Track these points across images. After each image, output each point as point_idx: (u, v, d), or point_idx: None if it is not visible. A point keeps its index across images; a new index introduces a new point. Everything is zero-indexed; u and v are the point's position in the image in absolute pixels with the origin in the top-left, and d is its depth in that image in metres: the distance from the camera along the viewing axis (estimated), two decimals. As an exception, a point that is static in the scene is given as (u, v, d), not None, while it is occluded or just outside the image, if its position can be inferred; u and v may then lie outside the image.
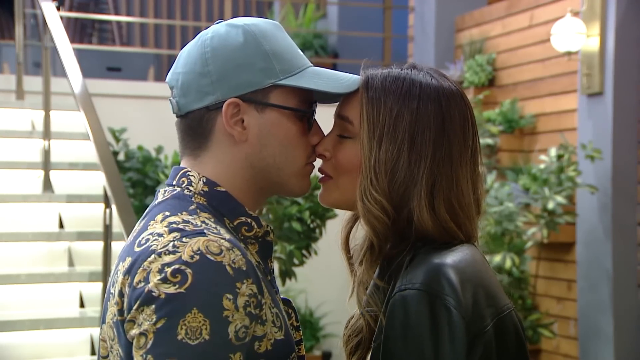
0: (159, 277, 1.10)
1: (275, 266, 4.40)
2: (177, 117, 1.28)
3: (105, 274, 3.79)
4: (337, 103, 1.33)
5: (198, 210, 1.20)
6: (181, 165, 1.28)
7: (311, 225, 4.47)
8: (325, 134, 1.33)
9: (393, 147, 1.24)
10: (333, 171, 1.30)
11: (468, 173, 1.28)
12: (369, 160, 1.25)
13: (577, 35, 5.03)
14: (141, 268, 1.13)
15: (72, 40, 5.60)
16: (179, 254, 1.11)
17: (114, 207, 3.61)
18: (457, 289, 1.17)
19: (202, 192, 1.23)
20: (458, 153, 1.26)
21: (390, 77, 1.28)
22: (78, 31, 8.02)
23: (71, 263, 4.27)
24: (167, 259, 1.11)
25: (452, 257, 1.21)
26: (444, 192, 1.25)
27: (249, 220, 1.24)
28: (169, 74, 1.29)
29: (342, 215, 1.40)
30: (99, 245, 3.96)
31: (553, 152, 5.09)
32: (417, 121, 1.25)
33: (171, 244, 1.13)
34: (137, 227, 1.23)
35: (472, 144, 1.29)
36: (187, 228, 1.15)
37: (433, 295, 1.17)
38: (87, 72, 4.98)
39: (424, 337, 1.16)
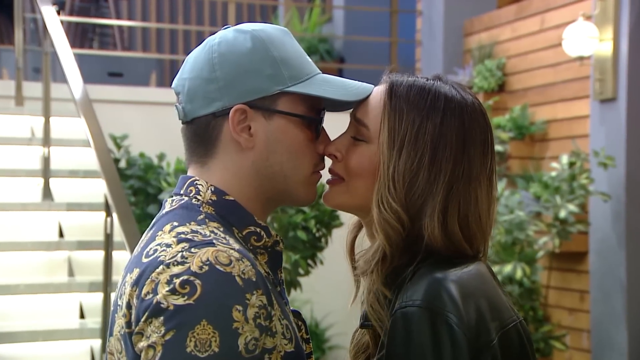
0: (167, 289, 1.11)
1: (280, 276, 4.40)
2: (182, 123, 1.28)
3: (106, 284, 3.79)
4: (346, 111, 1.34)
5: (206, 220, 1.21)
6: (188, 174, 1.28)
7: (317, 235, 4.47)
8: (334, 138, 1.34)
9: (413, 159, 1.25)
10: (344, 173, 1.31)
11: (485, 191, 1.29)
12: (387, 169, 1.26)
13: (589, 40, 5.02)
14: (149, 279, 1.13)
15: (73, 45, 5.61)
16: (187, 265, 1.12)
17: (115, 215, 3.62)
18: (459, 305, 1.18)
19: (210, 201, 1.24)
20: (476, 172, 1.27)
21: (415, 87, 1.29)
22: (79, 36, 8.05)
23: (71, 273, 4.27)
24: (176, 269, 1.12)
25: (455, 272, 1.22)
26: (459, 210, 1.26)
27: (258, 229, 1.25)
28: (175, 79, 1.30)
29: (349, 224, 1.40)
30: (100, 254, 3.97)
31: (565, 159, 5.08)
32: (440, 136, 1.26)
33: (180, 254, 1.13)
34: (145, 237, 1.23)
35: (490, 164, 1.30)
36: (195, 238, 1.16)
37: (434, 312, 1.17)
38: (88, 77, 5.00)
39: (426, 356, 1.16)
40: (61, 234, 4.46)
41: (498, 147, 5.54)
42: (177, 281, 1.11)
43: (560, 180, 5.04)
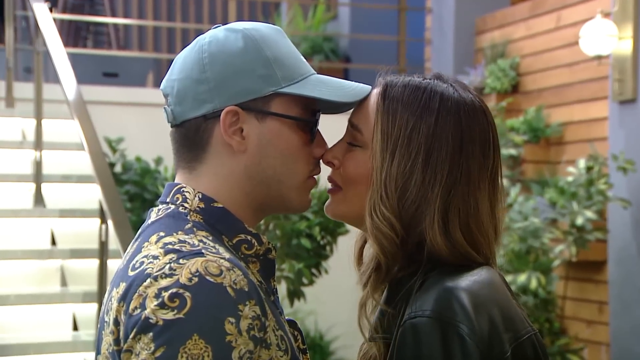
0: (156, 303, 1.11)
1: (283, 286, 4.40)
2: (171, 126, 1.29)
3: (100, 295, 3.80)
4: (343, 113, 1.35)
5: (194, 229, 1.21)
6: (176, 181, 1.29)
7: (321, 242, 4.47)
8: (332, 144, 1.34)
9: (406, 162, 1.25)
10: (341, 181, 1.31)
11: (487, 195, 1.28)
12: (380, 174, 1.26)
13: (607, 38, 5.02)
14: (137, 293, 1.13)
15: (66, 44, 5.63)
16: (176, 277, 1.12)
17: (110, 222, 3.62)
18: (470, 315, 1.18)
19: (197, 209, 1.24)
20: (476, 173, 1.27)
21: (410, 86, 1.29)
22: (72, 34, 8.07)
23: (64, 283, 4.27)
24: (164, 282, 1.12)
25: (466, 280, 1.21)
26: (460, 215, 1.25)
27: (248, 237, 1.25)
28: (164, 80, 1.31)
29: (354, 232, 1.40)
30: (94, 263, 3.97)
31: (582, 163, 5.07)
32: (434, 136, 1.25)
33: (167, 266, 1.13)
34: (130, 249, 1.23)
35: (492, 164, 1.29)
36: (183, 249, 1.16)
37: (445, 323, 1.17)
38: (82, 78, 5.01)
39: None
40: (53, 242, 4.46)
41: (512, 151, 5.53)
42: (166, 294, 1.11)
43: (577, 185, 5.03)
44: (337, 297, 5.37)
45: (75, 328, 4.09)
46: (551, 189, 5.22)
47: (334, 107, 1.32)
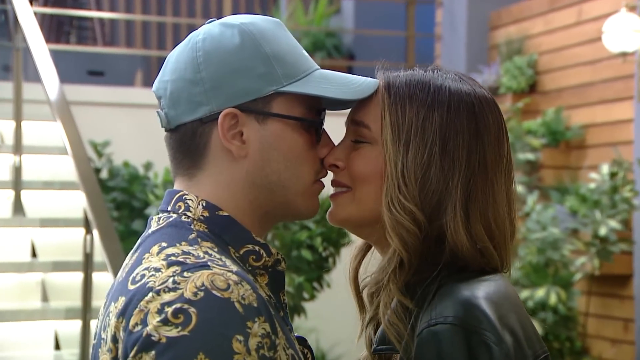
0: (158, 319, 1.11)
1: (282, 301, 4.41)
2: (166, 131, 1.29)
3: (85, 310, 3.80)
4: (349, 110, 1.35)
5: (199, 239, 1.21)
6: (176, 188, 1.29)
7: (323, 254, 4.48)
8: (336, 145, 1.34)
9: (422, 152, 1.27)
10: (350, 181, 1.32)
11: (503, 186, 1.30)
12: (395, 166, 1.27)
13: (633, 33, 5.02)
14: (137, 309, 1.13)
15: (48, 39, 5.64)
16: (180, 291, 1.12)
17: (95, 232, 3.62)
18: (495, 324, 1.17)
19: (202, 217, 1.24)
20: (493, 163, 1.29)
21: (414, 79, 1.31)
22: (54, 29, 8.09)
23: (45, 298, 4.27)
24: (167, 297, 1.12)
25: (485, 289, 1.22)
26: (480, 206, 1.27)
27: (256, 248, 1.25)
28: (156, 82, 1.30)
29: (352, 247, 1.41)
30: (78, 276, 3.97)
31: (605, 169, 5.07)
32: (449, 125, 1.27)
33: (171, 279, 1.14)
34: (129, 261, 1.23)
35: (507, 154, 1.31)
36: (188, 261, 1.16)
37: (469, 331, 1.17)
38: (65, 76, 5.01)
39: None
40: (34, 254, 4.46)
41: (529, 155, 5.53)
42: (169, 310, 1.11)
43: (600, 192, 5.03)
44: (340, 313, 5.36)
45: (57, 347, 4.09)
46: (572, 196, 5.22)
47: (341, 104, 1.32)
